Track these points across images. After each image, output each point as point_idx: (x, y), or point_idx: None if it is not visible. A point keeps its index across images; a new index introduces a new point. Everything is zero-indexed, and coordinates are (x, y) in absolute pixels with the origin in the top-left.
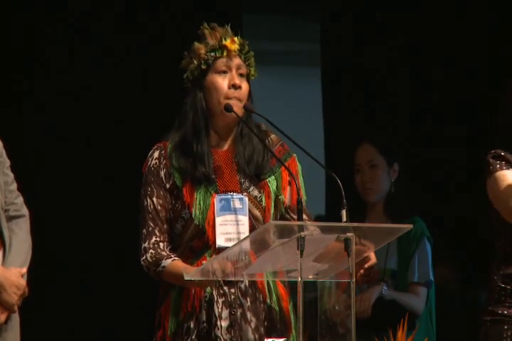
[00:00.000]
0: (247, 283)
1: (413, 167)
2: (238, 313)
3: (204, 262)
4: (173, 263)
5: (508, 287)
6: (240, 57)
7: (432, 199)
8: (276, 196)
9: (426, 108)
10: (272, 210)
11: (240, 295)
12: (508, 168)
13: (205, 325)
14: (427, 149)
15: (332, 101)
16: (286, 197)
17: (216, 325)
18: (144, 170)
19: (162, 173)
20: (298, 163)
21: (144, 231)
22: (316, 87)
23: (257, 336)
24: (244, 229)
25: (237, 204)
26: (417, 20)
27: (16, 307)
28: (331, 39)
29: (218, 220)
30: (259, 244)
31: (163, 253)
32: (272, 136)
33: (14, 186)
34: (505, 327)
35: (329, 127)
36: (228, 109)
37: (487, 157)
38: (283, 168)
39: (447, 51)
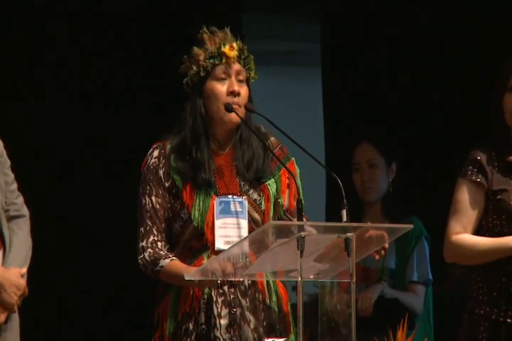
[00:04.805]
0: (246, 284)
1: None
2: (237, 312)
3: (203, 262)
4: (171, 263)
5: (485, 286)
6: (239, 62)
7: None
8: (276, 199)
9: (427, 107)
10: (271, 213)
11: (239, 295)
12: (476, 178)
13: (203, 326)
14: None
15: (332, 101)
16: (285, 200)
17: (215, 325)
18: (142, 168)
19: (161, 172)
20: (296, 167)
21: (142, 229)
22: (316, 87)
23: (256, 336)
24: (244, 233)
25: (237, 208)
26: (418, 20)
27: (15, 307)
28: (331, 39)
29: (218, 223)
30: (258, 244)
31: (162, 252)
32: (272, 138)
33: (14, 186)
34: (481, 328)
35: (329, 127)
36: (228, 108)
37: (467, 156)
38: (282, 171)
39: (449, 52)
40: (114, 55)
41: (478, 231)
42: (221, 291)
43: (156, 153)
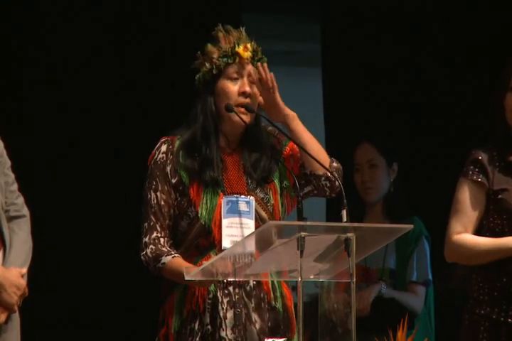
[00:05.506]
0: (252, 285)
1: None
2: (243, 313)
3: (205, 262)
4: (173, 260)
5: (486, 286)
6: (253, 64)
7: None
8: (282, 190)
9: (426, 107)
10: (281, 208)
11: (244, 296)
12: (477, 178)
13: (209, 326)
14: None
15: (332, 101)
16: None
17: (221, 325)
18: (149, 163)
19: (168, 168)
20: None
21: (146, 225)
22: (316, 87)
23: (261, 337)
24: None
25: (244, 207)
26: (418, 20)
27: (16, 308)
28: (331, 39)
29: (225, 222)
30: (259, 244)
31: (164, 249)
32: (269, 128)
33: (15, 186)
34: (482, 328)
35: (330, 127)
36: (229, 109)
37: (468, 156)
38: (285, 157)
39: (449, 50)
40: (114, 54)
41: (478, 231)
42: (226, 292)
43: (164, 148)
